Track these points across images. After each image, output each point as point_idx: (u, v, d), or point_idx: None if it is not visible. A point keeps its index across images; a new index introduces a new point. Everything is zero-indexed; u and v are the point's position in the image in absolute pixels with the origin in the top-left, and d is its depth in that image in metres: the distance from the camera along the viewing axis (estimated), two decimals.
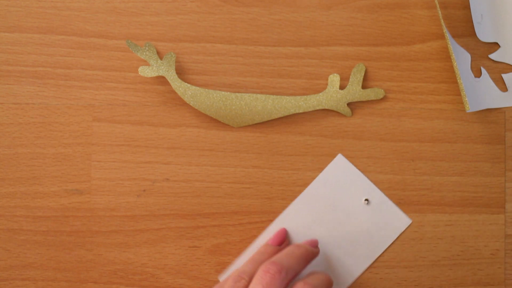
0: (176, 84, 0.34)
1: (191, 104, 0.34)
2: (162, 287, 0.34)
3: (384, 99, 0.34)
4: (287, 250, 0.30)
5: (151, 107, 0.34)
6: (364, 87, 0.34)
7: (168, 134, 0.34)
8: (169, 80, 0.34)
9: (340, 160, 0.34)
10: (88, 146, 0.34)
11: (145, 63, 0.34)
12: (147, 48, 0.34)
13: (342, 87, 0.34)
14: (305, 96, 0.34)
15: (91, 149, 0.34)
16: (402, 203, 0.34)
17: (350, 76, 0.34)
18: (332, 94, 0.34)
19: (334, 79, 0.34)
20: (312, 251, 0.32)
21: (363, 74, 0.34)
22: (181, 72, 0.34)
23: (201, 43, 0.34)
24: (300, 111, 0.34)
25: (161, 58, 0.34)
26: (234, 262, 0.34)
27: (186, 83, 0.34)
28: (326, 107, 0.34)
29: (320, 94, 0.34)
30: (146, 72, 0.34)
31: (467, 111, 0.32)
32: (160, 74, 0.34)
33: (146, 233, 0.32)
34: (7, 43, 0.34)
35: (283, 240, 0.33)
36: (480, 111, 0.34)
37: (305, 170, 0.34)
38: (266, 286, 0.28)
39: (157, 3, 0.35)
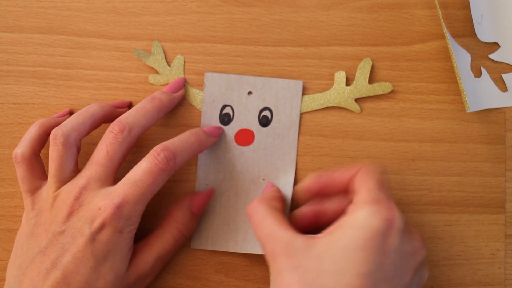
0: (186, 90, 0.34)
1: (201, 109, 0.34)
2: (162, 287, 0.34)
3: (384, 99, 0.34)
4: (139, 105, 0.31)
5: None
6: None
7: (168, 134, 0.34)
8: None
9: (210, 76, 0.33)
10: (88, 146, 0.34)
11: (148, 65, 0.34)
12: (155, 54, 0.34)
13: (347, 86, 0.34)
14: (313, 95, 0.34)
15: (91, 149, 0.34)
16: (402, 203, 0.34)
17: (357, 71, 0.34)
18: (339, 91, 0.34)
19: (340, 76, 0.34)
20: (168, 99, 0.32)
21: (369, 69, 0.34)
22: (185, 73, 0.34)
23: (201, 43, 0.34)
24: (308, 110, 0.34)
25: (167, 60, 0.34)
26: None
27: (195, 89, 0.34)
28: (334, 105, 0.34)
29: (327, 92, 0.34)
30: (156, 80, 0.34)
31: (467, 111, 0.33)
32: (170, 82, 0.34)
33: (144, 232, 0.32)
34: (7, 43, 0.34)
35: (180, 87, 0.33)
36: (480, 111, 0.34)
37: (305, 170, 0.34)
38: (109, 145, 0.29)
39: (157, 3, 0.35)
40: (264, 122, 0.33)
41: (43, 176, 0.31)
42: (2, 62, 0.34)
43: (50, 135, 0.30)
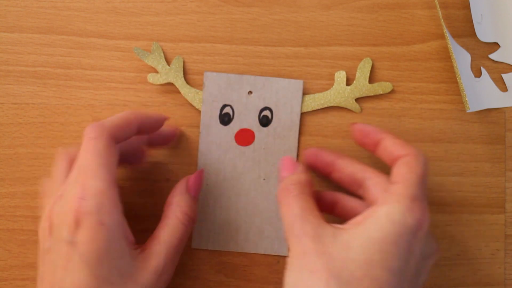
0: (185, 90, 0.34)
1: (200, 109, 0.34)
2: None
3: (384, 99, 0.34)
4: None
5: (151, 107, 0.34)
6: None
7: None
8: (178, 87, 0.34)
9: (209, 76, 0.33)
10: None
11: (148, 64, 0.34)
12: (155, 53, 0.34)
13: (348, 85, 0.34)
14: (313, 95, 0.34)
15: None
16: None
17: (357, 71, 0.34)
18: (339, 91, 0.34)
19: (341, 76, 0.34)
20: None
21: (369, 69, 0.34)
22: (184, 73, 0.34)
23: (201, 43, 0.34)
24: (309, 110, 0.34)
25: (167, 60, 0.34)
26: None
27: (195, 89, 0.34)
28: (334, 104, 0.34)
29: (327, 91, 0.34)
30: (155, 79, 0.34)
31: (467, 111, 0.33)
32: (169, 81, 0.34)
33: (146, 233, 0.32)
34: (7, 43, 0.34)
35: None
36: (480, 111, 0.34)
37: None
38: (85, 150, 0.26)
39: (157, 3, 0.35)
40: (265, 122, 0.33)
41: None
42: (2, 62, 0.34)
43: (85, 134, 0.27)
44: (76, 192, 0.25)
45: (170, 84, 0.34)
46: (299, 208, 0.27)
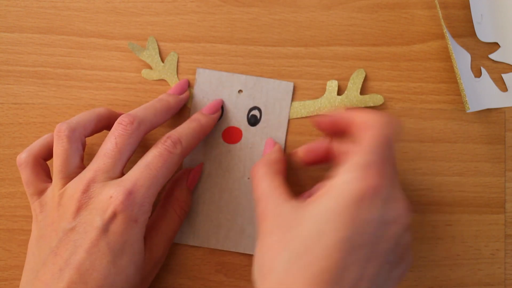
0: None
1: (191, 108, 0.34)
2: (162, 287, 0.34)
3: (384, 99, 0.34)
4: (147, 104, 0.31)
5: None
6: (364, 87, 0.34)
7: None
8: (170, 84, 0.34)
9: (201, 73, 0.34)
10: (88, 147, 0.34)
11: (147, 63, 0.34)
12: (149, 49, 0.34)
13: (341, 91, 0.34)
14: (303, 102, 0.34)
15: (91, 149, 0.34)
16: None
17: (349, 82, 0.34)
18: (330, 100, 0.34)
19: (332, 85, 0.34)
20: (175, 101, 0.32)
21: (362, 81, 0.34)
22: (181, 72, 0.34)
23: (201, 43, 0.34)
24: (298, 117, 0.34)
25: (162, 58, 0.34)
26: None
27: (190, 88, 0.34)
28: (324, 113, 0.34)
29: (318, 99, 0.34)
30: (149, 75, 0.34)
31: (467, 111, 0.33)
32: (162, 78, 0.34)
33: None
34: (7, 43, 0.35)
35: (184, 90, 0.34)
36: (480, 111, 0.34)
37: (305, 170, 0.34)
38: (118, 137, 0.28)
39: (157, 3, 0.35)
40: (253, 121, 0.33)
41: (49, 179, 0.30)
42: (2, 62, 0.34)
43: (55, 129, 0.29)
44: (127, 186, 0.27)
45: (170, 85, 0.34)
46: (264, 187, 0.28)
